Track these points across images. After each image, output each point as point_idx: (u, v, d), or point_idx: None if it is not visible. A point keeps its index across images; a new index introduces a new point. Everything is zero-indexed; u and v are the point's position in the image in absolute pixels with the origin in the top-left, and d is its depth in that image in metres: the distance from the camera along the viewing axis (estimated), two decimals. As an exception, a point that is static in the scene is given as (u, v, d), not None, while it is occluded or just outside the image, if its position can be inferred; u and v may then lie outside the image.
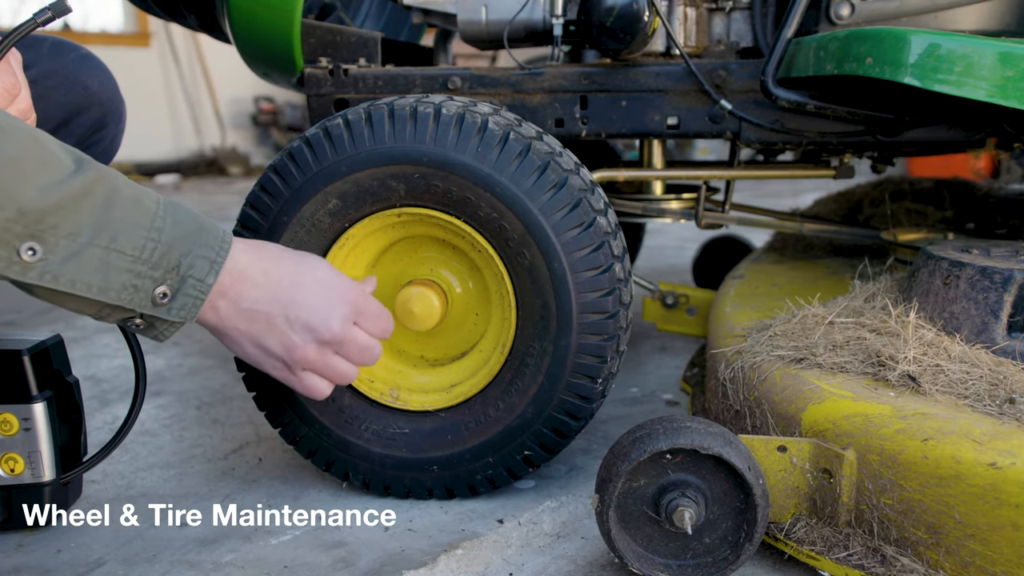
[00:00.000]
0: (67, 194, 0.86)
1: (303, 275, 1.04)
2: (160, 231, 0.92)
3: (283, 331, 1.03)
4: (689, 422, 1.05)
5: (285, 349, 1.04)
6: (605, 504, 1.04)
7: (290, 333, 1.03)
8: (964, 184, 2.02)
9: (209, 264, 0.95)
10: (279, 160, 1.20)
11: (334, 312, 1.04)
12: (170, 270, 0.93)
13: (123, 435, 1.17)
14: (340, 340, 1.05)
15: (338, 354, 1.07)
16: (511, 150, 1.14)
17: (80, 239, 0.87)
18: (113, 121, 1.42)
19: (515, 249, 1.16)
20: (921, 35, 1.21)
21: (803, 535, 1.08)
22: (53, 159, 0.87)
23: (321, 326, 1.03)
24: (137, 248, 0.90)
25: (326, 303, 1.04)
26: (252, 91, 8.67)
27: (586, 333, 1.17)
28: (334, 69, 1.57)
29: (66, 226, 0.86)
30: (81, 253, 0.88)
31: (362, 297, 1.08)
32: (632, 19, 1.42)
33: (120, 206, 0.90)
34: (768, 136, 1.51)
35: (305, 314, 1.03)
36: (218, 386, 1.84)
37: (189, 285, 0.94)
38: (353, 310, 1.06)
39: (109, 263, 0.89)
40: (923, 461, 0.97)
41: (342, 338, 1.05)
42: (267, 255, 1.04)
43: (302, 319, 1.03)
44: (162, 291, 0.93)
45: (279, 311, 1.02)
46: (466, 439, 1.23)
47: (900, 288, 1.33)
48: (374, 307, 1.10)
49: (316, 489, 1.31)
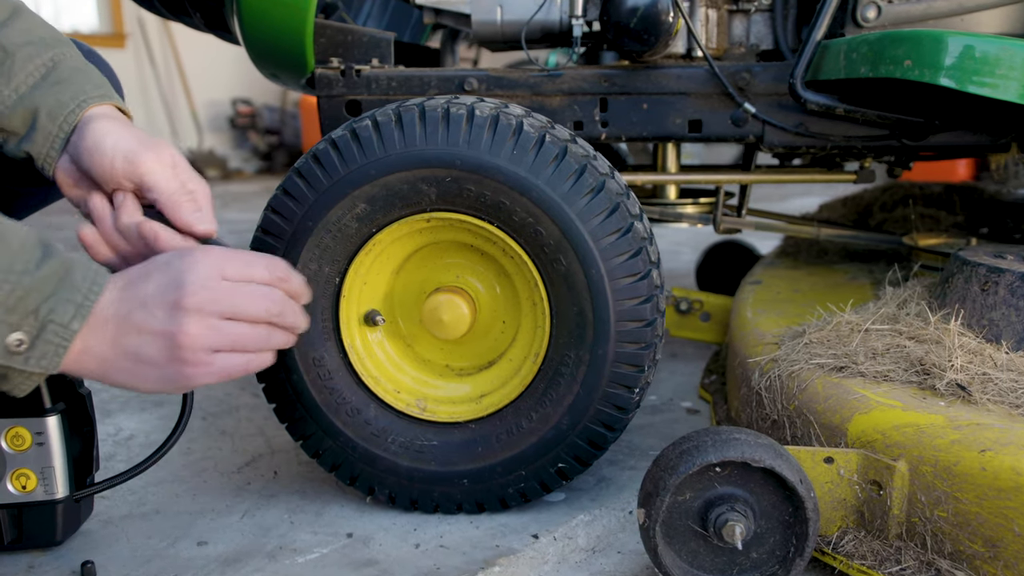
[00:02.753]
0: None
1: (160, 269, 0.92)
2: (21, 273, 0.83)
3: (143, 322, 0.89)
4: (737, 433, 1.02)
5: (160, 344, 0.89)
6: (652, 519, 1.00)
7: (151, 321, 0.88)
8: (973, 189, 2.01)
9: (75, 308, 0.86)
10: (303, 163, 1.16)
11: (186, 273, 0.90)
12: (28, 314, 0.83)
13: (157, 458, 1.12)
14: (211, 299, 0.90)
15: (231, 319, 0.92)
16: (547, 153, 1.11)
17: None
18: None
19: (551, 255, 1.13)
20: (958, 37, 1.19)
21: (852, 549, 1.05)
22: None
23: (174, 289, 0.89)
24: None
25: (177, 271, 0.90)
26: (229, 93, 8.56)
27: (623, 342, 1.13)
28: (346, 70, 1.53)
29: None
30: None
31: (218, 253, 0.94)
32: (656, 20, 1.40)
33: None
34: (792, 140, 1.49)
35: (153, 289, 0.89)
36: (222, 395, 1.78)
37: (50, 331, 0.85)
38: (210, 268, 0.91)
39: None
40: (981, 473, 0.95)
41: (212, 295, 0.90)
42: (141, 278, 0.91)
43: (156, 296, 0.89)
44: (18, 338, 0.83)
45: (133, 306, 0.89)
46: (498, 451, 1.19)
47: (932, 294, 1.31)
48: (237, 256, 0.95)
49: (338, 504, 1.27)
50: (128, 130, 1.05)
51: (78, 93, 1.06)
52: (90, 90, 1.07)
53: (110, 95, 1.09)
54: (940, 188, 2.00)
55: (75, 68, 1.09)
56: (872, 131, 1.46)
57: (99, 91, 1.08)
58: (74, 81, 1.07)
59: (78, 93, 1.06)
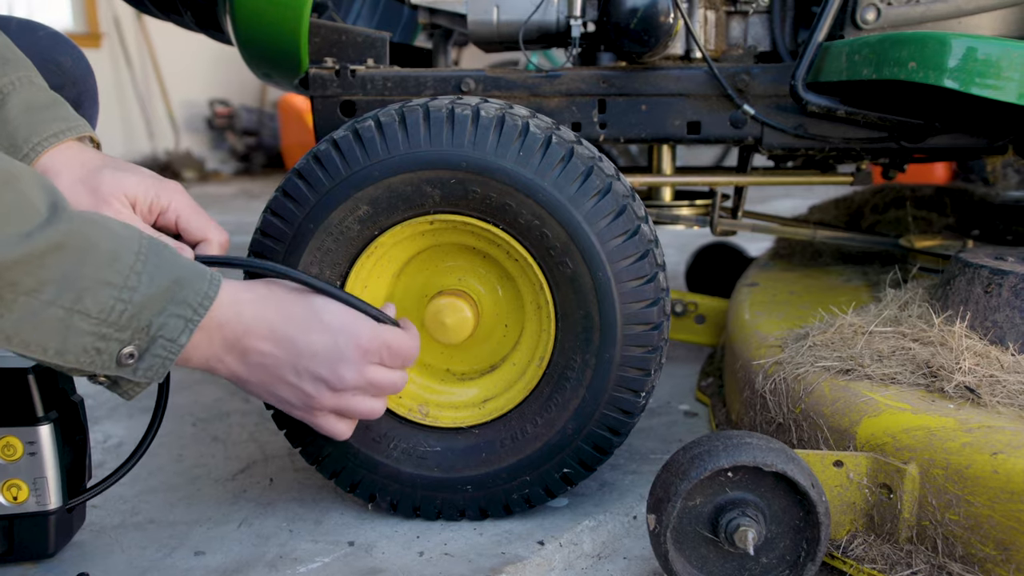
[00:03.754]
0: (34, 248, 0.76)
1: (311, 323, 0.98)
2: (133, 290, 0.83)
3: (293, 383, 0.99)
4: (748, 438, 1.01)
5: (299, 399, 1.00)
6: (663, 525, 0.99)
7: (301, 385, 0.99)
8: (963, 191, 2.02)
9: (184, 323, 0.87)
10: (304, 164, 1.13)
11: (345, 362, 0.99)
12: (139, 331, 0.85)
13: (136, 460, 1.09)
14: (356, 387, 1.00)
15: (359, 395, 1.02)
16: (554, 154, 1.09)
17: (41, 297, 0.78)
18: (88, 100, 1.35)
19: (557, 258, 1.11)
20: (961, 39, 1.19)
21: (861, 553, 1.05)
22: (25, 205, 0.77)
23: (332, 377, 0.99)
24: (105, 310, 0.82)
25: (336, 352, 0.98)
26: (207, 94, 8.48)
27: (630, 345, 1.12)
28: (340, 70, 1.50)
29: (28, 282, 0.77)
30: (40, 313, 0.79)
31: (377, 336, 1.01)
32: (656, 21, 1.39)
33: (92, 262, 0.81)
34: (791, 142, 1.49)
35: (314, 365, 0.98)
36: (211, 401, 1.75)
37: (159, 346, 0.87)
38: (367, 354, 1.00)
39: (70, 325, 0.81)
40: (993, 476, 0.95)
41: (357, 385, 1.00)
42: (272, 305, 0.97)
43: (311, 370, 0.98)
44: (129, 351, 0.85)
45: (288, 365, 0.97)
46: (502, 457, 1.17)
47: (933, 296, 1.31)
48: (394, 340, 1.03)
49: (338, 511, 1.24)
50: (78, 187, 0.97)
51: (30, 135, 0.98)
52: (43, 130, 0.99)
53: (65, 130, 1.00)
54: (931, 190, 2.01)
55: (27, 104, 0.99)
56: (871, 133, 1.46)
57: (51, 129, 0.99)
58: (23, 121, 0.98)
59: (30, 135, 0.98)
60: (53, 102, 1.02)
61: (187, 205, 1.04)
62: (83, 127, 1.03)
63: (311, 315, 0.98)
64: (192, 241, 1.05)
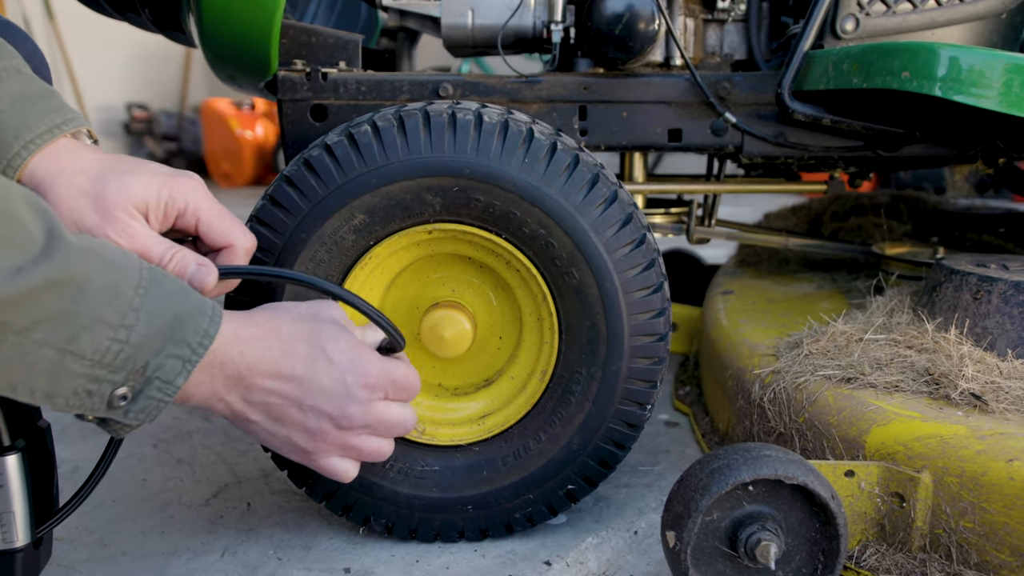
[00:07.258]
0: (27, 285, 0.68)
1: (317, 360, 0.92)
2: (131, 329, 0.76)
3: (299, 422, 0.93)
4: (767, 450, 0.99)
5: (304, 438, 0.94)
6: (684, 542, 0.96)
7: (307, 423, 0.93)
8: (917, 199, 2.07)
9: (181, 364, 0.81)
10: (294, 170, 1.07)
11: (351, 399, 0.93)
12: (134, 372, 0.78)
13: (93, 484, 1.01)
14: (363, 425, 0.95)
15: (365, 433, 0.96)
16: (560, 162, 1.06)
17: (33, 337, 0.71)
18: None
19: (562, 268, 1.08)
20: (947, 48, 1.21)
21: (875, 563, 1.04)
22: (20, 234, 0.69)
23: (338, 414, 0.93)
24: (99, 351, 0.74)
25: (343, 389, 0.93)
26: (124, 98, 8.16)
27: (637, 357, 1.09)
28: (312, 72, 1.44)
29: (19, 322, 0.69)
30: (30, 354, 0.71)
31: (385, 371, 0.95)
32: (641, 28, 1.37)
33: (89, 299, 0.73)
34: (771, 150, 1.49)
35: (320, 402, 0.92)
36: (171, 420, 1.65)
37: (154, 387, 0.80)
38: (374, 390, 0.95)
39: (62, 367, 0.73)
40: (1009, 482, 0.95)
41: (364, 423, 0.95)
42: (277, 341, 0.90)
43: (317, 408, 0.92)
44: (122, 393, 0.78)
45: (293, 403, 0.91)
46: (504, 475, 1.13)
47: (919, 303, 1.32)
48: (401, 375, 0.97)
49: (327, 536, 1.18)
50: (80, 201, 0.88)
51: (21, 131, 0.88)
52: (36, 125, 0.89)
53: (60, 124, 0.91)
54: (887, 198, 2.05)
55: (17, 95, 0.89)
56: (848, 142, 1.48)
57: (45, 124, 0.89)
58: (13, 114, 0.88)
59: (21, 131, 0.88)
60: (45, 93, 0.92)
61: (208, 206, 0.95)
62: (78, 120, 0.93)
63: (317, 352, 0.92)
64: (214, 246, 0.97)
